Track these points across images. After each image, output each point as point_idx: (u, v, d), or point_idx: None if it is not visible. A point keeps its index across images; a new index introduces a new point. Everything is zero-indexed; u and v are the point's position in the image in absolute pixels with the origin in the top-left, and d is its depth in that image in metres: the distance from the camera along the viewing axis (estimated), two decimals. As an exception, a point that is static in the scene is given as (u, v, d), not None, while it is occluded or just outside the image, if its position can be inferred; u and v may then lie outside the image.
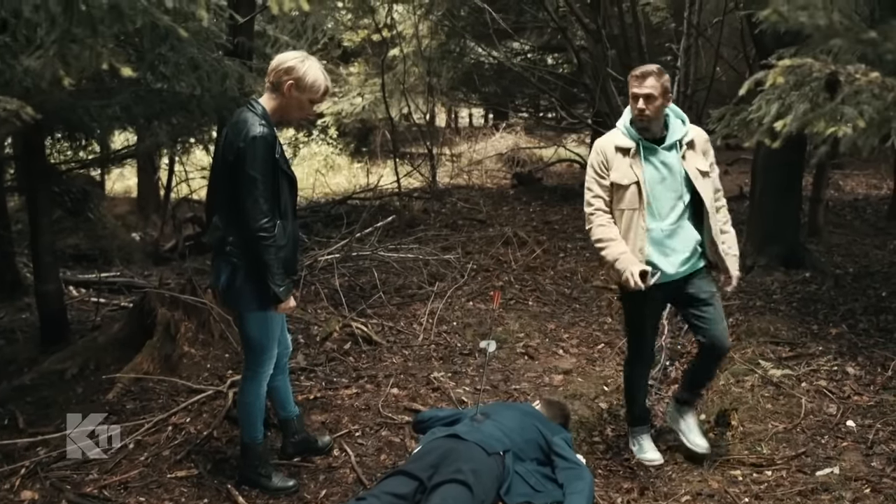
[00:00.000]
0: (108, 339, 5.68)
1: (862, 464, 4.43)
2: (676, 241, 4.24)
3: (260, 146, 3.69)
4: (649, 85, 4.11)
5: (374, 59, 14.77)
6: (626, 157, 4.24)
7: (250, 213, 3.71)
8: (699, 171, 4.22)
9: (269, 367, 4.11)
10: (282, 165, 3.83)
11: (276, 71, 3.83)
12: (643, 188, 4.18)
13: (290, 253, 3.92)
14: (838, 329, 6.49)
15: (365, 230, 9.19)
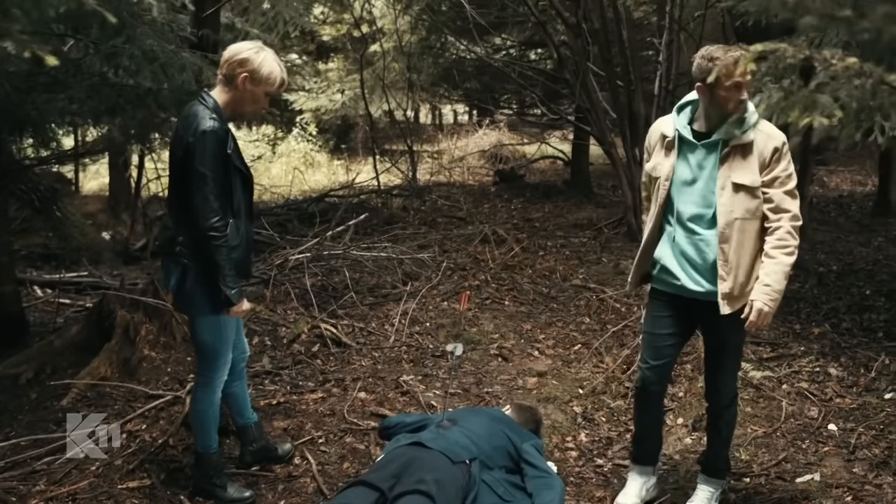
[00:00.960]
0: (65, 342, 5.47)
1: (843, 470, 4.30)
2: (695, 253, 3.60)
3: (210, 141, 3.51)
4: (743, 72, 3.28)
5: (353, 54, 14.57)
6: (663, 147, 3.69)
7: (200, 212, 3.53)
8: (733, 183, 3.48)
9: (222, 373, 3.92)
10: (234, 161, 3.64)
11: (230, 63, 3.64)
12: (661, 185, 3.65)
13: (243, 254, 3.73)
14: (821, 328, 6.36)
15: (338, 228, 8.99)
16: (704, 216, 3.57)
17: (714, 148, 3.53)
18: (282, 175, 15.38)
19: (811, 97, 2.07)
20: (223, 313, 3.75)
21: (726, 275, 3.51)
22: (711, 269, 3.57)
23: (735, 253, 3.51)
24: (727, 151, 3.50)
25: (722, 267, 3.51)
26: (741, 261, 3.52)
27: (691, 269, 3.63)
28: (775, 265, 3.50)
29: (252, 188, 3.90)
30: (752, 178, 3.47)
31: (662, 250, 3.74)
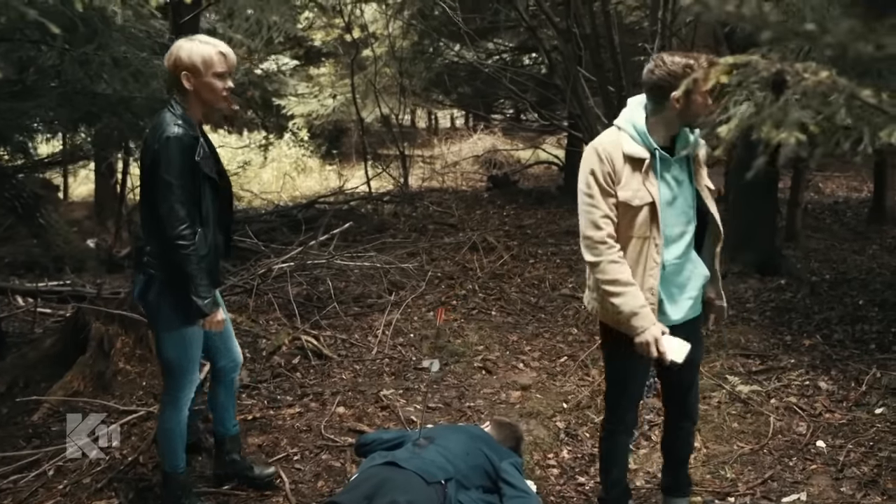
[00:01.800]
0: (39, 354, 5.36)
1: (831, 489, 4.20)
2: (683, 277, 3.35)
3: (174, 147, 3.42)
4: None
5: (345, 59, 14.48)
6: (638, 172, 3.23)
7: (167, 221, 3.43)
8: (709, 188, 3.37)
9: (188, 391, 3.81)
10: (203, 168, 3.52)
11: (169, 71, 3.58)
12: (659, 211, 3.23)
13: (211, 264, 3.61)
14: (812, 340, 6.27)
15: (324, 236, 8.88)
16: (688, 233, 3.34)
17: (685, 161, 3.33)
18: (273, 181, 15.27)
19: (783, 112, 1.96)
20: (189, 328, 3.64)
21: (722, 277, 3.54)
22: (695, 288, 3.39)
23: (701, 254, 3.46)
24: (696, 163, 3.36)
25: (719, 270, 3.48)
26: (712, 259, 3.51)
27: (678, 295, 3.37)
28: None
29: (228, 196, 3.81)
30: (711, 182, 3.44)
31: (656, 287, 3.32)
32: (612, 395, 3.68)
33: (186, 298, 3.53)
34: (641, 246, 3.27)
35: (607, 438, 3.75)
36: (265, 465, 4.28)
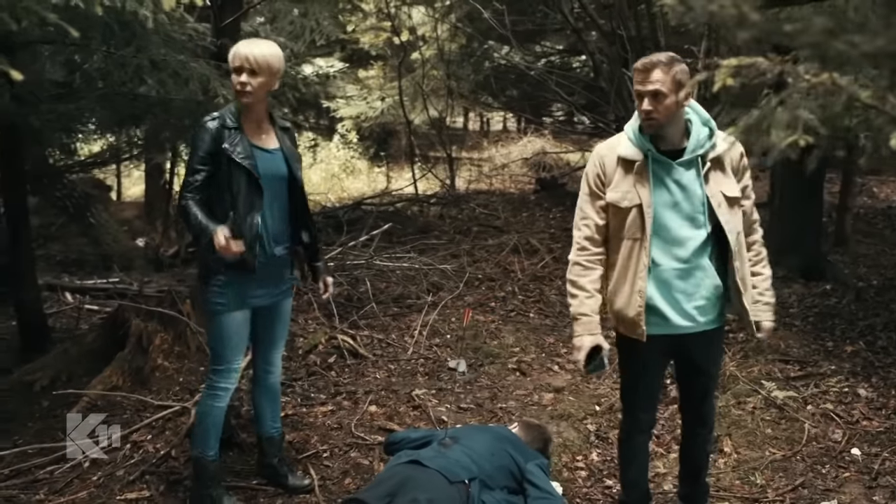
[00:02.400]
0: (81, 350, 5.49)
1: (863, 497, 4.13)
2: (690, 284, 3.29)
3: (197, 132, 3.75)
4: (656, 79, 3.11)
5: (393, 61, 14.57)
6: (630, 173, 3.28)
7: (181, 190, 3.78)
8: (726, 196, 3.25)
9: (224, 380, 3.87)
10: (235, 157, 3.66)
11: None
12: (646, 213, 3.24)
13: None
14: (854, 346, 6.15)
15: (363, 237, 8.95)
16: (695, 238, 3.26)
17: (691, 165, 3.26)
18: (321, 182, 15.42)
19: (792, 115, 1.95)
20: (224, 316, 3.77)
21: (745, 291, 3.31)
22: (707, 297, 3.31)
23: (743, 266, 3.31)
24: (708, 167, 3.26)
25: (741, 284, 3.29)
26: (747, 273, 3.36)
27: (685, 303, 3.31)
28: (765, 280, 3.46)
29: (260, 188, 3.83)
30: (736, 189, 3.30)
31: (648, 290, 3.30)
32: (625, 395, 3.71)
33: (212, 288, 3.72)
34: (631, 247, 3.30)
35: (624, 439, 3.77)
36: (302, 476, 4.31)
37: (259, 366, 4.17)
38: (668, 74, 3.12)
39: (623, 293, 3.35)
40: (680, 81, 3.13)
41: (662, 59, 3.15)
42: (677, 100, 3.15)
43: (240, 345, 3.88)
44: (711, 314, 3.36)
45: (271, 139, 3.89)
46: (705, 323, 3.36)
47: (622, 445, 3.80)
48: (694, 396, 3.64)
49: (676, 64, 3.14)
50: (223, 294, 3.76)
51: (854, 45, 1.33)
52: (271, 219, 3.84)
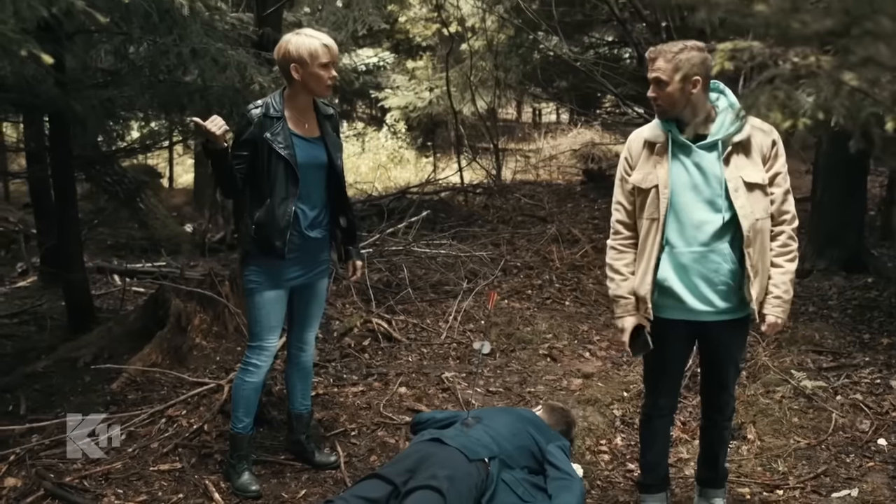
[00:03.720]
0: (123, 329, 5.67)
1: (885, 487, 4.11)
2: (709, 268, 3.30)
3: (239, 122, 3.86)
4: (658, 67, 3.21)
5: (442, 52, 14.66)
6: (652, 155, 3.37)
7: None
8: (745, 182, 3.26)
9: (257, 357, 4.00)
10: (275, 147, 3.78)
11: (279, 63, 3.87)
12: (661, 193, 3.30)
13: (271, 232, 3.83)
14: (891, 339, 6.11)
15: (401, 224, 9.07)
16: (713, 222, 3.28)
17: (712, 148, 3.29)
18: (369, 172, 15.58)
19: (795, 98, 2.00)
20: (257, 296, 3.92)
21: (754, 278, 3.30)
22: (726, 282, 3.32)
23: (759, 256, 3.30)
24: (729, 150, 3.28)
25: (751, 271, 3.29)
26: (764, 263, 3.34)
27: (703, 287, 3.34)
28: (783, 274, 3.36)
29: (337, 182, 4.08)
30: (761, 176, 3.29)
31: (665, 271, 3.36)
32: (647, 378, 3.76)
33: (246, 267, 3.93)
34: (649, 228, 3.38)
35: (644, 422, 3.84)
36: (329, 453, 4.42)
37: (293, 344, 4.29)
38: (670, 63, 3.19)
39: (640, 272, 3.43)
40: (685, 70, 3.17)
41: (667, 49, 3.23)
42: (681, 87, 3.21)
43: (273, 324, 4.00)
44: (732, 301, 3.36)
45: (313, 127, 3.99)
46: (726, 310, 3.37)
47: (642, 428, 3.87)
48: (713, 385, 3.66)
49: (684, 52, 3.19)
50: (258, 273, 3.91)
51: (805, 23, 1.38)
52: (309, 205, 3.95)
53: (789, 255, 3.37)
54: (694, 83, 3.20)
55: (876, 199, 10.43)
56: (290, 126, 3.85)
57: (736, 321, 3.42)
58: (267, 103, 3.85)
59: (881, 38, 1.41)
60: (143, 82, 5.13)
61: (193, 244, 9.55)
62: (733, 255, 3.30)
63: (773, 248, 3.37)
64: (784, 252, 3.37)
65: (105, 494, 3.93)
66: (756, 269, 3.31)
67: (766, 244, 3.35)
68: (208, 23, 4.95)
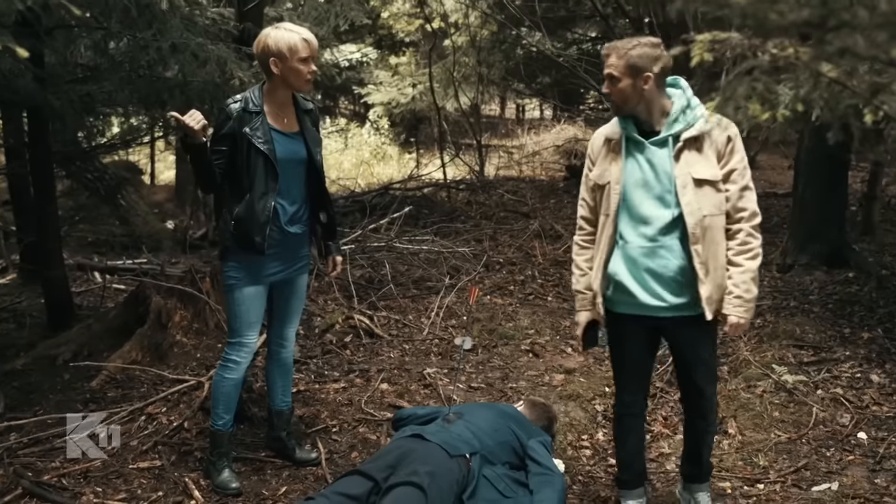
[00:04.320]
0: (103, 326, 5.64)
1: (865, 480, 4.12)
2: (657, 263, 3.31)
3: (218, 117, 3.83)
4: (609, 63, 3.23)
5: (425, 48, 14.65)
6: (610, 152, 3.41)
7: None
8: (694, 178, 3.24)
9: (236, 354, 3.97)
10: (253, 140, 3.76)
11: (257, 56, 3.84)
12: (613, 189, 3.35)
13: (250, 227, 3.81)
14: (872, 333, 6.12)
15: (383, 220, 9.05)
16: (662, 218, 3.29)
17: (664, 144, 3.29)
18: (352, 168, 15.55)
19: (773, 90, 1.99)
20: (235, 292, 3.91)
21: (704, 277, 3.26)
22: (675, 279, 3.31)
23: (708, 253, 3.26)
24: (680, 146, 3.26)
25: (700, 270, 3.26)
26: (716, 261, 3.29)
27: (652, 282, 3.34)
28: (742, 273, 3.30)
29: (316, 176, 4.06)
30: (712, 172, 3.25)
31: (616, 266, 3.40)
32: (614, 375, 3.81)
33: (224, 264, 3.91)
34: (604, 223, 3.42)
35: (614, 420, 3.88)
36: (310, 449, 4.40)
37: (273, 340, 4.27)
38: (621, 59, 3.21)
39: (595, 267, 3.49)
40: (636, 66, 3.19)
41: (620, 45, 3.25)
42: (632, 83, 3.21)
43: (253, 320, 3.98)
44: (685, 297, 3.33)
45: (293, 122, 3.97)
46: (680, 307, 3.35)
47: (614, 425, 3.90)
48: (689, 389, 3.62)
49: (637, 48, 3.20)
50: (238, 269, 3.89)
51: (783, 14, 1.38)
52: (288, 200, 3.93)
53: (749, 252, 3.31)
54: (645, 79, 3.20)
55: (857, 195, 10.47)
56: (269, 121, 3.83)
57: (695, 319, 3.37)
58: (246, 98, 3.82)
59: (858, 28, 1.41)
60: (123, 77, 5.10)
61: (175, 241, 9.51)
62: (683, 252, 3.29)
63: (732, 247, 3.32)
64: (743, 250, 3.31)
65: (84, 493, 3.91)
66: (706, 266, 3.27)
67: (717, 241, 3.30)
68: (188, 18, 4.92)
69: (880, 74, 1.84)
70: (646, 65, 3.19)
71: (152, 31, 4.73)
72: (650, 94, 3.24)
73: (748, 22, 1.60)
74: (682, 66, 2.36)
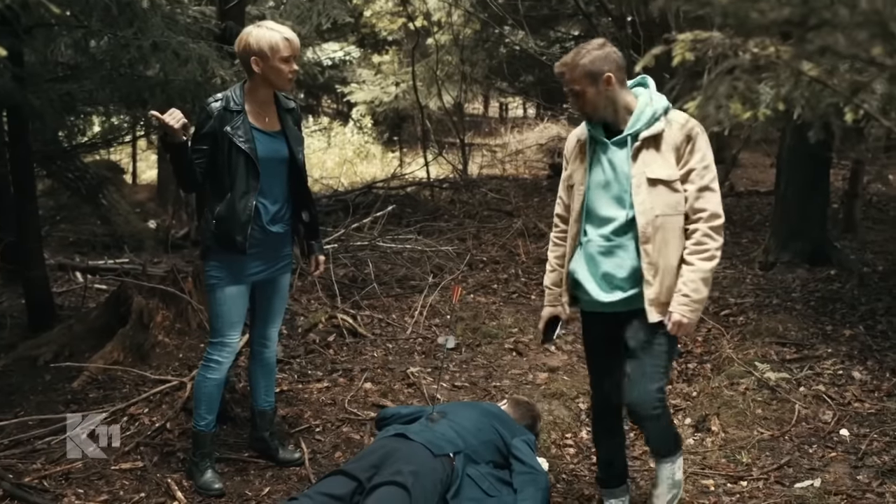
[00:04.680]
0: (84, 327, 5.60)
1: (847, 477, 4.15)
2: (614, 262, 3.33)
3: (199, 116, 3.81)
4: (567, 80, 3.24)
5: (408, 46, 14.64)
6: (580, 153, 3.44)
7: None
8: (648, 178, 3.23)
9: (218, 353, 3.96)
10: (234, 139, 3.74)
11: (239, 55, 3.82)
12: (577, 191, 3.41)
13: (231, 227, 3.79)
14: (853, 330, 6.15)
15: (368, 219, 9.04)
16: (618, 219, 3.30)
17: (624, 144, 3.29)
18: (335, 167, 15.53)
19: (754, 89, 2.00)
20: (217, 292, 3.89)
21: (652, 278, 3.24)
22: (629, 278, 3.31)
23: (658, 253, 3.24)
24: (638, 146, 3.25)
25: (647, 270, 3.24)
26: (667, 262, 3.25)
27: (608, 280, 3.35)
28: (693, 272, 3.22)
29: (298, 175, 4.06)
30: (668, 172, 3.22)
31: (576, 264, 3.45)
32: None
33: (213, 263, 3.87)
34: (571, 222, 3.48)
35: (592, 420, 3.93)
36: (293, 449, 4.40)
37: (256, 340, 4.26)
38: (576, 71, 3.20)
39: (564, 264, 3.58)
40: (591, 72, 3.18)
41: (569, 60, 3.23)
42: (595, 90, 3.21)
43: (235, 320, 3.96)
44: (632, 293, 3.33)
45: (274, 121, 3.96)
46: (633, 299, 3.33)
47: (592, 424, 3.93)
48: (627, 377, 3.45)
49: (586, 56, 3.19)
50: (220, 268, 3.87)
51: (763, 13, 1.38)
52: (270, 200, 3.92)
53: (703, 253, 3.24)
54: (607, 80, 3.20)
55: (839, 192, 10.52)
56: (250, 120, 3.82)
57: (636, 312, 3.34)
58: (227, 96, 3.80)
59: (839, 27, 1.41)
60: (104, 76, 5.07)
61: (157, 240, 9.46)
62: (635, 252, 3.30)
63: (687, 246, 3.28)
64: (698, 250, 3.25)
65: (65, 494, 3.89)
66: (655, 266, 3.25)
67: (670, 242, 3.26)
68: (169, 16, 4.90)
69: (861, 73, 1.84)
70: (600, 67, 3.19)
71: (133, 30, 4.70)
72: (613, 93, 3.24)
73: (729, 21, 1.61)
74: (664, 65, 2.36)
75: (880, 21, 1.32)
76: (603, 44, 3.26)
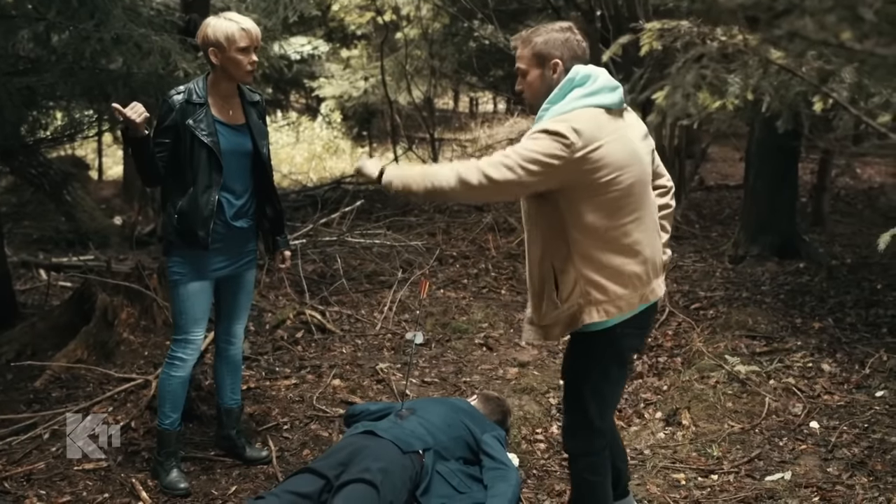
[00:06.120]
0: (48, 324, 5.50)
1: (817, 469, 4.14)
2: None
3: (160, 109, 3.72)
4: (518, 56, 2.96)
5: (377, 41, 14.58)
6: None
7: None
8: None
9: (182, 349, 3.91)
10: (197, 132, 3.68)
11: (200, 47, 3.77)
12: None
13: (194, 221, 3.72)
14: (822, 323, 6.17)
15: (336, 215, 8.98)
16: None
17: None
18: (304, 162, 15.43)
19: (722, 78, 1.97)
20: (180, 288, 3.83)
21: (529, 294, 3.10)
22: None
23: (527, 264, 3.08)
24: None
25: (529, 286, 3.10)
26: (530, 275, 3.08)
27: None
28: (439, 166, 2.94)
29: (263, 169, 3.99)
30: None
31: None
32: None
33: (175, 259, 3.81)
34: None
35: None
36: (260, 447, 4.34)
37: (221, 337, 4.20)
38: (526, 48, 2.94)
39: None
40: (541, 53, 2.91)
41: (525, 34, 2.97)
42: (540, 73, 2.94)
43: (199, 316, 3.90)
44: None
45: (238, 114, 3.89)
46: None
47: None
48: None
49: (542, 35, 2.93)
50: (182, 264, 3.81)
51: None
52: (234, 194, 3.86)
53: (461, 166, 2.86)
54: (554, 66, 2.91)
55: (807, 186, 10.59)
56: (213, 113, 3.75)
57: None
58: (189, 89, 3.74)
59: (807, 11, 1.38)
60: (65, 69, 4.96)
61: (122, 237, 9.34)
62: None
63: None
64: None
65: (27, 496, 3.81)
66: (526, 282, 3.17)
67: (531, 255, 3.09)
68: (131, 8, 4.82)
69: (829, 61, 1.82)
70: (551, 51, 2.90)
71: (94, 22, 4.60)
72: (559, 82, 2.93)
73: (695, 6, 1.57)
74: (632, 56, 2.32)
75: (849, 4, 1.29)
76: (568, 28, 2.97)
